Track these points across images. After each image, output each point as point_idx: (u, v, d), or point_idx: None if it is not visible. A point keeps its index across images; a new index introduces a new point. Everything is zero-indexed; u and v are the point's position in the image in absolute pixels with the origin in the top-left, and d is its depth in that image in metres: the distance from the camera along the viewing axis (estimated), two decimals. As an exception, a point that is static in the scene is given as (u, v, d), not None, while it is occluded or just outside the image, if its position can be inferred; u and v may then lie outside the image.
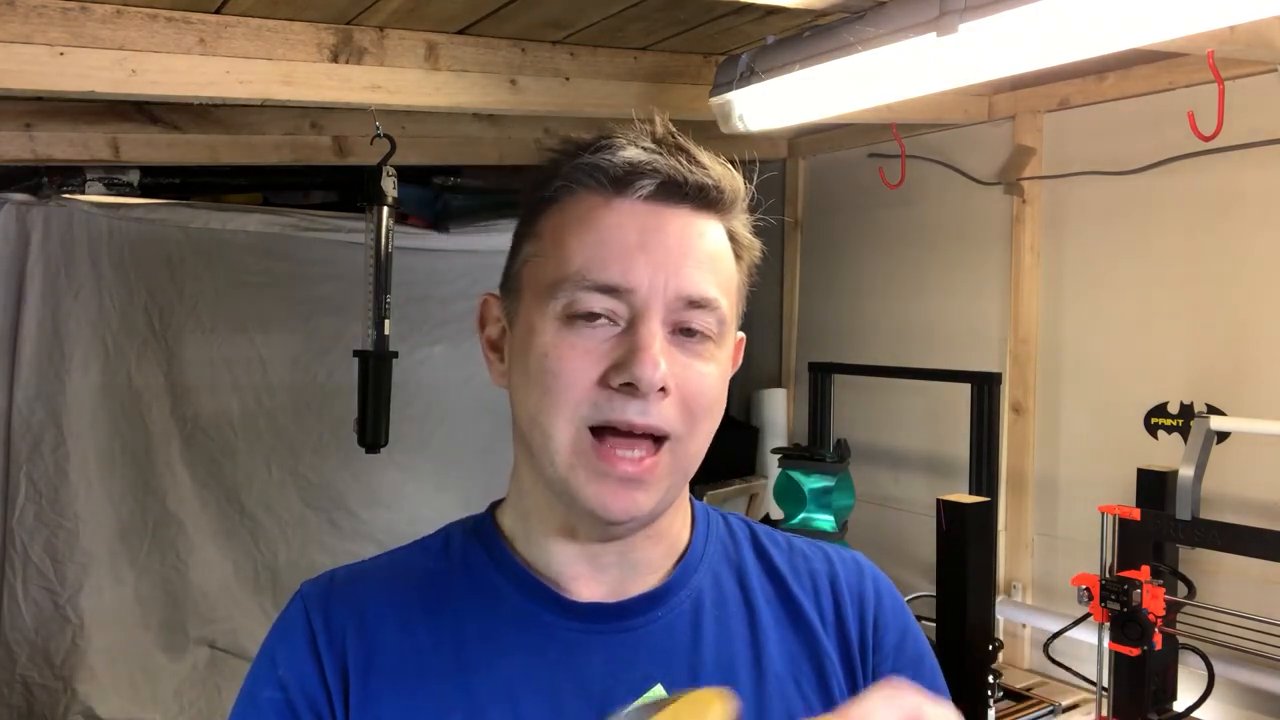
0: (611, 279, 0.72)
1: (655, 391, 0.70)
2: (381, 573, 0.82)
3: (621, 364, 0.70)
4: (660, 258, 0.72)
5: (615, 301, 0.72)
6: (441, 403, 3.33)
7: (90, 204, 2.90)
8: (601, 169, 0.74)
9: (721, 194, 0.76)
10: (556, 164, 0.77)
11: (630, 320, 0.72)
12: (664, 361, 0.70)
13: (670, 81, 2.27)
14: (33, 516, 2.85)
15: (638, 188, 0.73)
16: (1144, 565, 1.92)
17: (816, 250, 3.28)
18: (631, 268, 0.72)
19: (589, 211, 0.74)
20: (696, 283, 0.73)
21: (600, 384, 0.71)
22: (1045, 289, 2.54)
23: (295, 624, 0.78)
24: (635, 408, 0.70)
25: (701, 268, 0.74)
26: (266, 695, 0.76)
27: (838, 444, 2.79)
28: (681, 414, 0.72)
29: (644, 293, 0.72)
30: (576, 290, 0.72)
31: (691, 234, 0.75)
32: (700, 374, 0.74)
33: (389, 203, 2.35)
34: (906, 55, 1.59)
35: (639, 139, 0.75)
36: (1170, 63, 2.18)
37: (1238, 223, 2.14)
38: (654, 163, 0.74)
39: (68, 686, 2.83)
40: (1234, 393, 2.11)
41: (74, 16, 1.75)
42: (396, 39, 2.00)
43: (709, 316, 0.74)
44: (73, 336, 2.90)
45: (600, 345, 0.72)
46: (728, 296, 0.76)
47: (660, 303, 0.72)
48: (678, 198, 0.75)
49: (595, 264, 0.72)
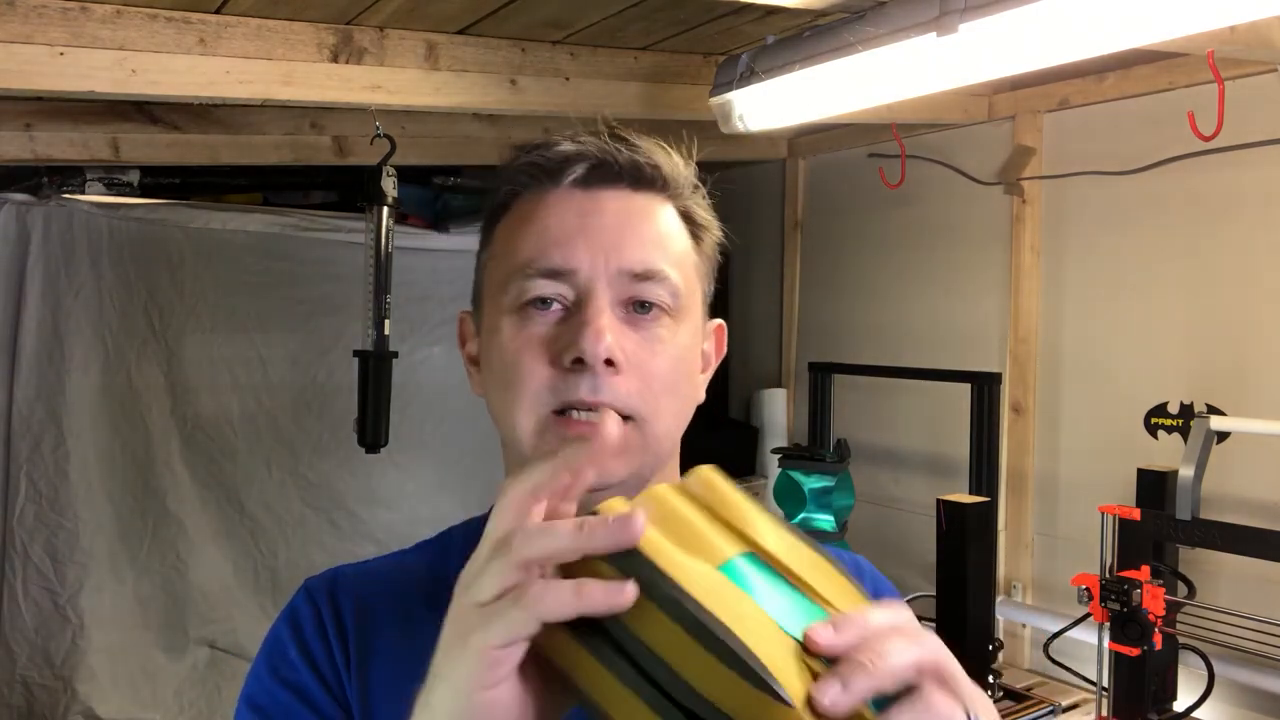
0: (553, 263, 0.73)
1: (601, 364, 0.70)
2: (383, 573, 0.83)
3: (569, 343, 0.71)
4: (598, 237, 0.74)
5: (561, 285, 0.73)
6: (441, 403, 3.33)
7: (90, 204, 2.91)
8: (537, 165, 0.76)
9: (660, 172, 0.77)
10: (505, 172, 0.79)
11: (576, 301, 0.73)
12: (610, 335, 0.71)
13: (670, 81, 2.27)
14: (33, 516, 2.85)
15: (570, 173, 0.75)
16: (1144, 565, 1.92)
17: (816, 250, 3.28)
18: (572, 250, 0.73)
19: (531, 208, 0.76)
20: (639, 256, 0.74)
21: (553, 367, 0.72)
22: (1045, 289, 2.54)
23: (302, 610, 0.78)
24: (586, 384, 0.71)
25: (644, 242, 0.75)
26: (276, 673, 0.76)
27: (838, 444, 2.79)
28: (640, 391, 0.72)
29: (586, 271, 0.73)
30: (523, 280, 0.74)
31: (631, 212, 0.76)
32: (655, 351, 0.74)
33: (389, 203, 2.36)
34: (906, 55, 1.59)
35: (577, 135, 0.77)
36: (1170, 63, 2.18)
37: (1238, 223, 2.14)
38: (584, 149, 0.76)
39: (68, 686, 2.83)
40: (1234, 393, 2.11)
41: (74, 16, 1.75)
42: (396, 39, 2.00)
43: (659, 288, 0.74)
44: (73, 336, 2.90)
45: (551, 330, 0.73)
46: (680, 270, 0.76)
47: (603, 281, 0.73)
48: (612, 178, 0.76)
49: (538, 252, 0.74)
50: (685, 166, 0.80)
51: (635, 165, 0.76)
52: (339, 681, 0.75)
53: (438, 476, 3.36)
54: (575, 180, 0.76)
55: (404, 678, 0.76)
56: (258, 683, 0.77)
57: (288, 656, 0.76)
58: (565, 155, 0.76)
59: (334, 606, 0.78)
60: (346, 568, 0.83)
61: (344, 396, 2.83)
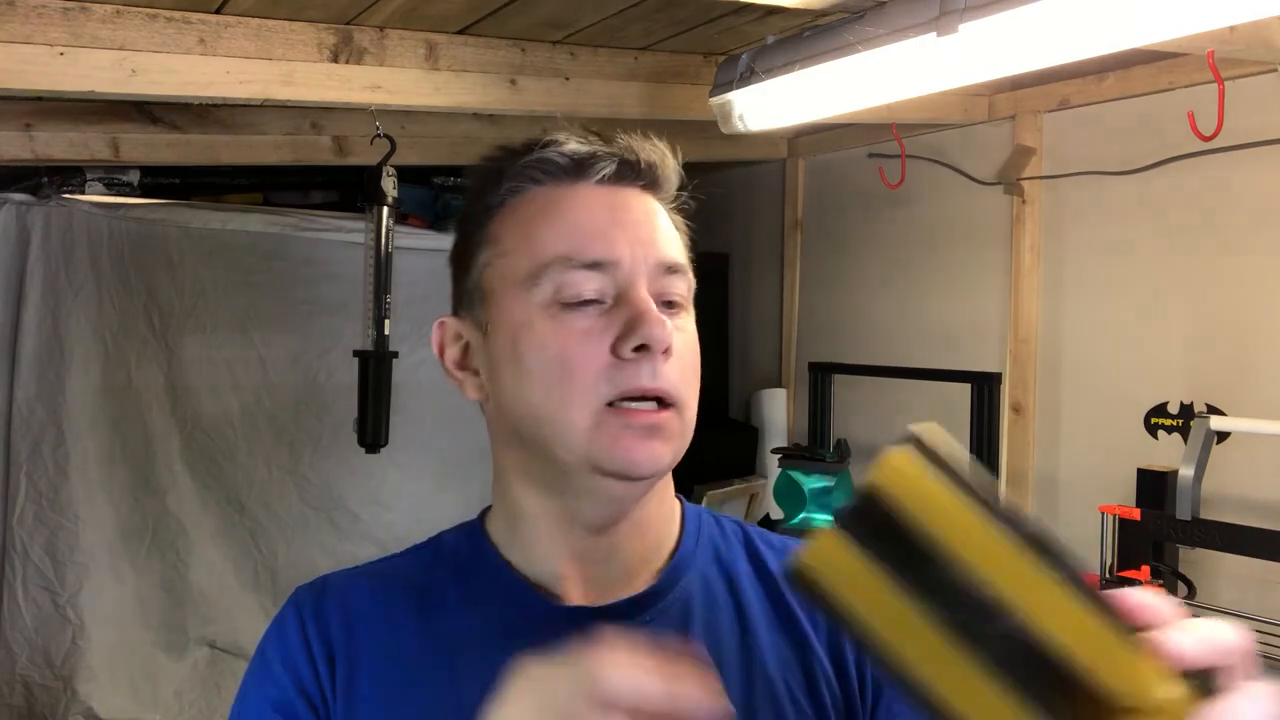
0: (597, 254, 0.73)
1: (662, 352, 0.72)
2: (373, 577, 0.82)
3: (628, 331, 0.71)
4: (634, 232, 0.75)
5: (603, 278, 0.73)
6: (442, 403, 3.32)
7: (90, 204, 2.91)
8: (553, 162, 0.77)
9: (667, 173, 0.80)
10: (498, 171, 0.79)
11: (618, 294, 0.73)
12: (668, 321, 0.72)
13: (670, 81, 2.27)
14: (33, 516, 2.85)
15: (598, 170, 0.76)
16: (1144, 565, 1.92)
17: (816, 250, 3.28)
18: (613, 242, 0.74)
19: (552, 201, 0.76)
20: (669, 250, 0.76)
21: (612, 356, 0.72)
22: (1045, 289, 2.54)
23: (288, 622, 0.79)
24: (647, 371, 0.71)
25: (668, 238, 0.77)
26: (262, 693, 0.76)
27: (838, 444, 2.79)
28: (682, 380, 0.74)
29: (628, 264, 0.74)
30: (564, 272, 0.73)
31: (651, 210, 0.78)
32: (685, 338, 0.76)
33: (389, 203, 2.35)
34: (906, 55, 1.59)
35: (572, 137, 0.78)
36: (1170, 63, 2.18)
37: (1237, 223, 2.14)
38: (604, 148, 0.77)
39: (68, 686, 2.83)
40: (1234, 393, 2.11)
41: (74, 16, 1.75)
42: (396, 39, 2.00)
43: (682, 283, 0.77)
44: (73, 336, 2.90)
45: (597, 322, 0.73)
46: (689, 266, 0.79)
47: (644, 272, 0.74)
48: (632, 178, 0.78)
49: (576, 245, 0.74)
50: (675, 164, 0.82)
51: (651, 166, 0.78)
52: (323, 699, 0.76)
53: (438, 477, 3.36)
54: (601, 178, 0.77)
55: (393, 681, 0.76)
56: (244, 704, 0.77)
57: (272, 674, 0.77)
58: (592, 152, 0.77)
59: (320, 623, 0.78)
60: (335, 576, 0.83)
61: (344, 396, 2.82)
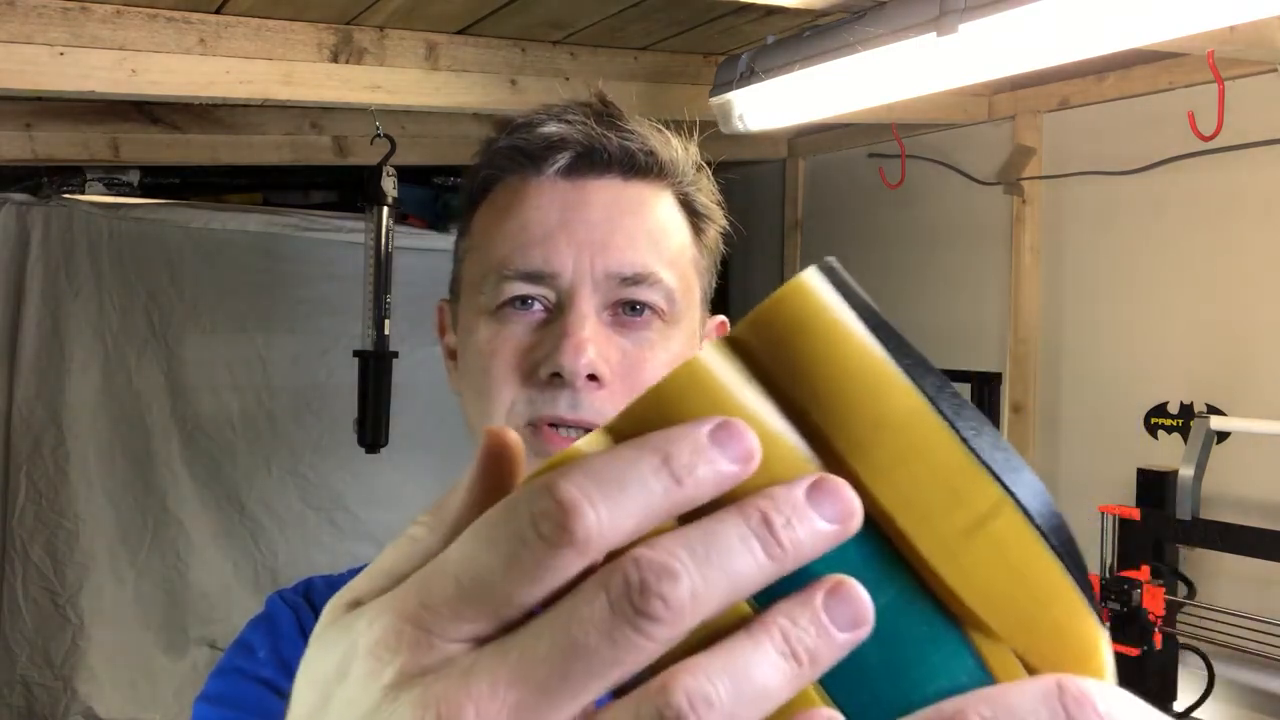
0: (533, 265, 0.67)
1: (583, 380, 0.64)
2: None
3: (548, 354, 0.65)
4: (584, 236, 0.67)
5: (542, 288, 0.67)
6: (442, 403, 3.31)
7: (90, 204, 2.91)
8: (519, 149, 0.70)
9: (655, 158, 0.71)
10: (484, 153, 0.73)
11: (557, 304, 0.67)
12: (593, 348, 0.65)
13: (670, 81, 2.27)
14: (33, 516, 2.85)
15: (553, 162, 0.69)
16: (1144, 565, 1.92)
17: (816, 250, 3.27)
18: (554, 250, 0.67)
19: (511, 197, 0.70)
20: (629, 257, 0.67)
21: (529, 378, 0.66)
22: (1045, 289, 2.54)
23: (279, 617, 0.75)
24: (565, 400, 0.65)
25: (634, 241, 0.68)
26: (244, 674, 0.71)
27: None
28: (618, 405, 0.64)
29: (569, 275, 0.67)
30: (500, 282, 0.68)
31: (621, 205, 0.69)
32: (645, 357, 0.67)
33: (389, 203, 2.36)
34: (906, 55, 1.59)
35: (565, 113, 0.71)
36: (1170, 63, 2.18)
37: (1238, 223, 2.14)
38: (570, 133, 0.69)
39: (68, 686, 2.83)
40: (1234, 393, 2.11)
41: (74, 16, 1.75)
42: (396, 39, 2.00)
43: (651, 291, 0.68)
44: (73, 336, 2.90)
45: (529, 337, 0.67)
46: (675, 269, 0.70)
47: (588, 285, 0.67)
48: (601, 167, 0.70)
49: (516, 252, 0.68)
50: (685, 150, 0.73)
51: (626, 152, 0.70)
52: None
53: (437, 477, 3.36)
54: (559, 170, 0.69)
55: None
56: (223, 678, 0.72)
57: (257, 656, 0.72)
58: (549, 140, 0.69)
59: (300, 612, 0.75)
60: (318, 579, 0.80)
61: (344, 396, 2.83)
